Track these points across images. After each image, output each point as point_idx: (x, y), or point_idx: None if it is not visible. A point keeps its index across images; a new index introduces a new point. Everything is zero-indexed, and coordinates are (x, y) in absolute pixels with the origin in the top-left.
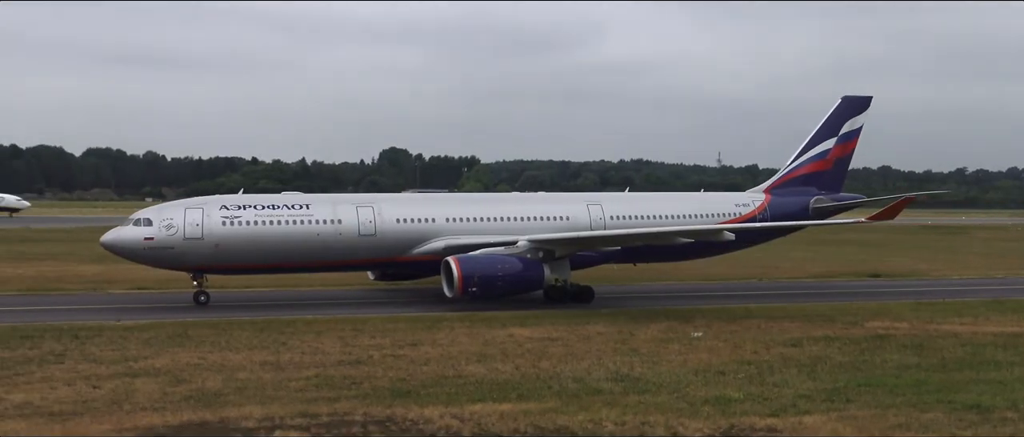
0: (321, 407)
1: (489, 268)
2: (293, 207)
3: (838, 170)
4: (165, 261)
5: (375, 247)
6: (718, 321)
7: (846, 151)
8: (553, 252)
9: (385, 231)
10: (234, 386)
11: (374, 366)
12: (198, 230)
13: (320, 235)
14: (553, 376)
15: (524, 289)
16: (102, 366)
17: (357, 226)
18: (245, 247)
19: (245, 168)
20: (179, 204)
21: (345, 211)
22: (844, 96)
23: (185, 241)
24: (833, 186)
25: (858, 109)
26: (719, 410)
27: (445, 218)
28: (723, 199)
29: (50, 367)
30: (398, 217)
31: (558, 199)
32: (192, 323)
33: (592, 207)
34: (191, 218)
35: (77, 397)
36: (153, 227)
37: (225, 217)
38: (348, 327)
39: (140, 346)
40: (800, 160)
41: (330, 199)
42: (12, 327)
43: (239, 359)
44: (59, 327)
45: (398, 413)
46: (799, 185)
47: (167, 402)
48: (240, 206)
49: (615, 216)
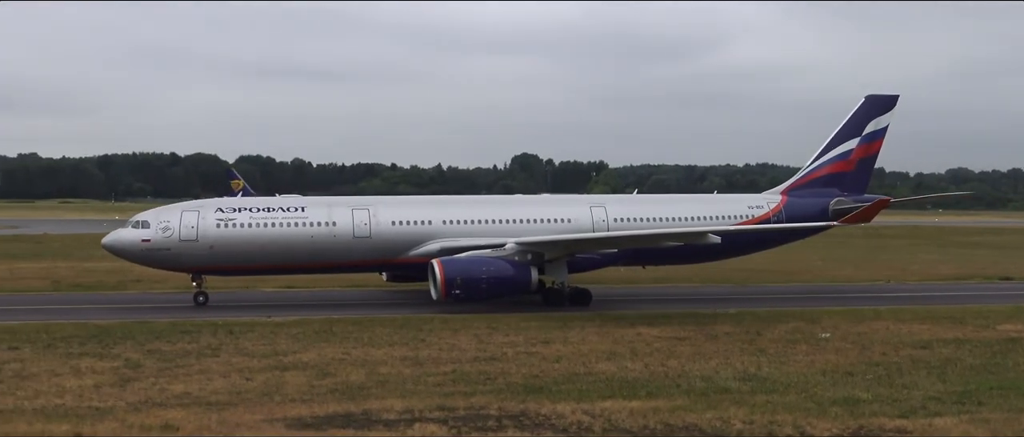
0: (458, 401)
1: (473, 270)
2: (288, 210)
3: (862, 170)
4: (161, 262)
5: (370, 249)
6: (846, 322)
7: (870, 151)
8: (542, 254)
9: (380, 233)
10: (376, 380)
11: (508, 363)
12: (193, 232)
13: (314, 237)
14: (681, 374)
15: (510, 292)
16: (254, 359)
17: (352, 228)
18: (239, 249)
19: (385, 173)
20: (177, 207)
21: (340, 214)
22: (868, 95)
23: (181, 243)
24: (856, 187)
25: (883, 108)
26: (847, 411)
27: (442, 220)
28: (736, 201)
29: (207, 360)
30: (394, 219)
31: (560, 201)
32: (337, 320)
33: (595, 209)
34: (187, 220)
35: (231, 388)
36: (150, 229)
37: (220, 219)
38: (483, 325)
39: (289, 341)
40: (821, 161)
41: (327, 201)
42: (172, 322)
43: (381, 354)
44: (214, 323)
45: (531, 408)
46: (819, 186)
47: (314, 394)
48: (236, 209)
49: (618, 218)
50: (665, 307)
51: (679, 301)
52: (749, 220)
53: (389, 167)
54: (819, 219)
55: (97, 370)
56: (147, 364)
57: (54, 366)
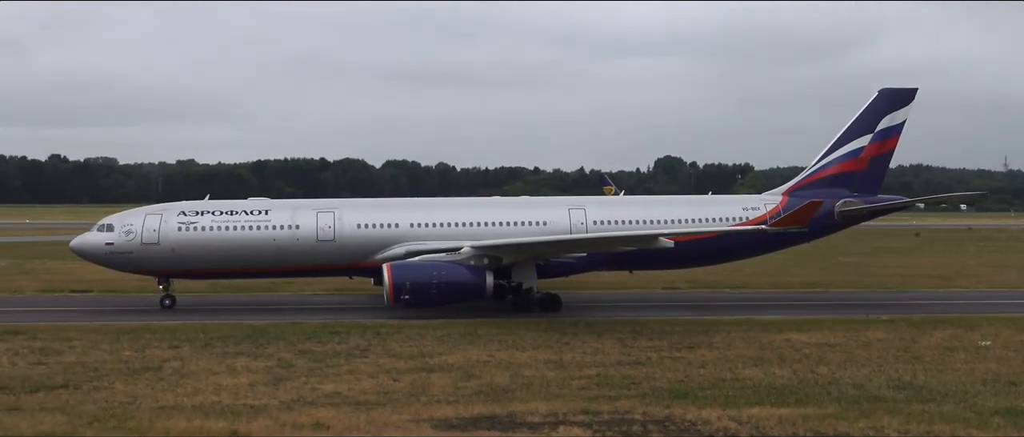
0: (602, 405)
1: (423, 275)
2: (252, 213)
3: (875, 170)
4: (125, 265)
5: (334, 252)
6: (1008, 329)
7: (884, 149)
8: (499, 258)
9: (345, 237)
10: (521, 382)
11: (652, 367)
12: (155, 235)
13: (276, 240)
14: (832, 382)
15: (463, 297)
16: (401, 361)
17: (315, 231)
18: (200, 252)
19: (528, 177)
20: (142, 210)
21: (304, 217)
22: (882, 89)
23: (142, 246)
24: (869, 187)
25: (899, 103)
26: (1011, 422)
27: (409, 223)
28: (730, 202)
29: (355, 361)
30: (359, 223)
31: (538, 204)
32: (481, 323)
33: (574, 212)
34: (149, 224)
35: (379, 388)
36: (114, 233)
37: (181, 223)
38: (627, 329)
39: (434, 343)
40: (828, 159)
41: (293, 204)
42: (322, 323)
43: (525, 357)
44: (363, 324)
45: (676, 413)
46: (826, 186)
47: (459, 395)
48: (198, 212)
49: (598, 221)
50: (811, 313)
51: (829, 306)
52: (743, 222)
53: (532, 170)
54: (822, 222)
55: (251, 369)
56: (299, 364)
57: (211, 365)
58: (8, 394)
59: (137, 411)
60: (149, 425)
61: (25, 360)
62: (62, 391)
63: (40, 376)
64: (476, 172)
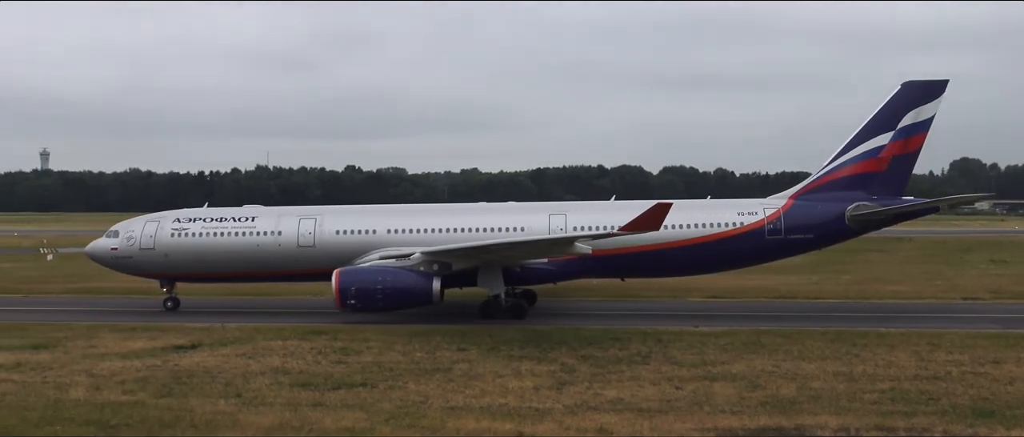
0: (897, 421)
1: (368, 281)
2: (239, 220)
3: (897, 170)
4: (127, 269)
5: (314, 258)
6: None
7: (909, 148)
8: (449, 264)
9: (324, 243)
10: (808, 394)
11: (952, 382)
12: (151, 241)
13: (260, 246)
14: None
15: (409, 303)
16: (683, 369)
17: (297, 238)
18: (190, 257)
19: None
20: (143, 218)
21: (287, 223)
22: (906, 82)
23: (140, 251)
24: (891, 190)
25: (926, 97)
26: None
27: (386, 230)
28: (725, 207)
29: (637, 367)
30: (338, 229)
31: (520, 209)
32: (765, 332)
33: (554, 217)
34: (147, 230)
35: (661, 396)
36: (118, 238)
37: (175, 229)
38: (923, 342)
39: (717, 352)
40: (842, 159)
41: (278, 211)
42: (604, 329)
43: (812, 368)
44: (644, 331)
45: (981, 433)
46: (841, 189)
47: (744, 406)
48: (191, 219)
49: (578, 227)
50: None
51: None
52: (737, 228)
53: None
54: (829, 228)
55: (536, 373)
56: (581, 369)
57: (497, 368)
58: (313, 390)
59: (429, 410)
60: (440, 424)
61: (327, 359)
62: (360, 389)
63: (341, 374)
64: (756, 177)
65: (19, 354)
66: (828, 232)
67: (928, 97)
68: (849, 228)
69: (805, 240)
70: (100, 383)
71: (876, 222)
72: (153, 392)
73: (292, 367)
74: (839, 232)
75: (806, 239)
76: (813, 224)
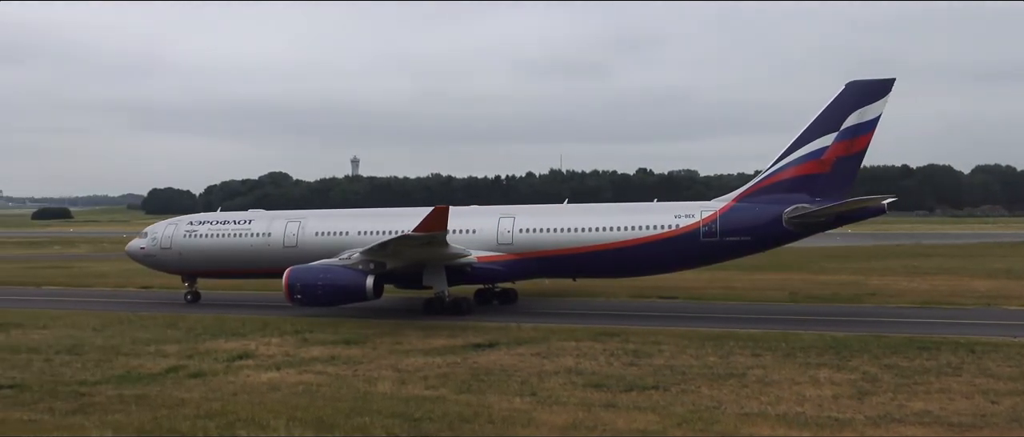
0: None
1: (310, 278)
2: (238, 223)
3: (840, 173)
4: (153, 266)
5: (298, 257)
6: None
7: (852, 149)
8: (383, 263)
9: (306, 243)
10: None
11: None
12: (169, 242)
13: (253, 246)
14: None
15: (346, 299)
16: (999, 382)
17: (283, 239)
18: (198, 256)
19: None
20: (167, 221)
21: (276, 226)
22: (850, 82)
23: (161, 251)
24: (834, 192)
25: (871, 97)
26: None
27: (357, 231)
28: (663, 210)
29: (947, 378)
30: (318, 231)
31: (475, 213)
32: None
33: (503, 220)
34: (167, 232)
35: (974, 410)
36: (147, 239)
37: (187, 231)
38: None
39: None
40: (785, 161)
41: (270, 216)
42: (909, 338)
43: None
44: (955, 340)
45: None
46: (782, 192)
47: None
48: (202, 222)
49: (524, 230)
50: None
51: None
52: (673, 230)
53: None
54: (764, 231)
55: (835, 381)
56: (884, 378)
57: (794, 375)
58: (605, 391)
59: (722, 416)
60: (734, 430)
61: (620, 361)
62: (653, 392)
63: (633, 376)
64: None
65: (333, 349)
66: (765, 235)
67: (873, 97)
68: (787, 231)
69: (742, 243)
70: (405, 378)
71: (816, 225)
72: (454, 388)
73: (585, 368)
74: (777, 235)
75: (743, 242)
76: (749, 226)
